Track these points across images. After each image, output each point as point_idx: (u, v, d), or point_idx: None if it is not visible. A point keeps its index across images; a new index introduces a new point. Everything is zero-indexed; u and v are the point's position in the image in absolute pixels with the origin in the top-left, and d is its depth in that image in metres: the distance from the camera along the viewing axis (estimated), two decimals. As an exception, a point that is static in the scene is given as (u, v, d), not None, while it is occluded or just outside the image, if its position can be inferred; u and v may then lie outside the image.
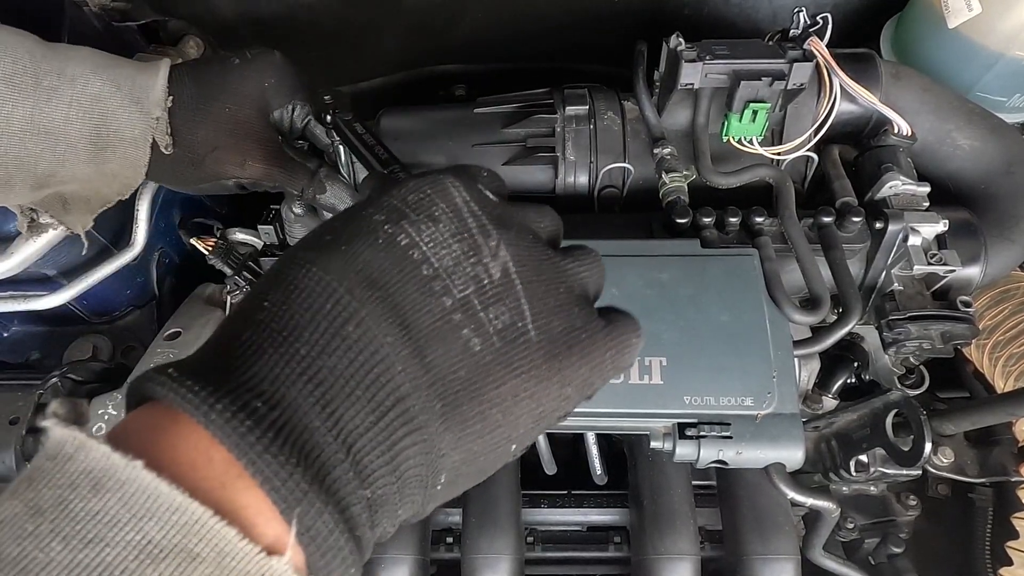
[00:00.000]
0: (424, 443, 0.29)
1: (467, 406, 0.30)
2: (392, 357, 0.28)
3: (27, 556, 0.22)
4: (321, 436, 0.27)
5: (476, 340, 0.30)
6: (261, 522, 0.25)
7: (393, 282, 0.30)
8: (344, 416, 0.27)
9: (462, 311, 0.30)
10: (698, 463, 0.57)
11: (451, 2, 0.92)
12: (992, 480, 0.77)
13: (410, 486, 0.30)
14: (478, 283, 0.31)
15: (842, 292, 0.64)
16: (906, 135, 0.72)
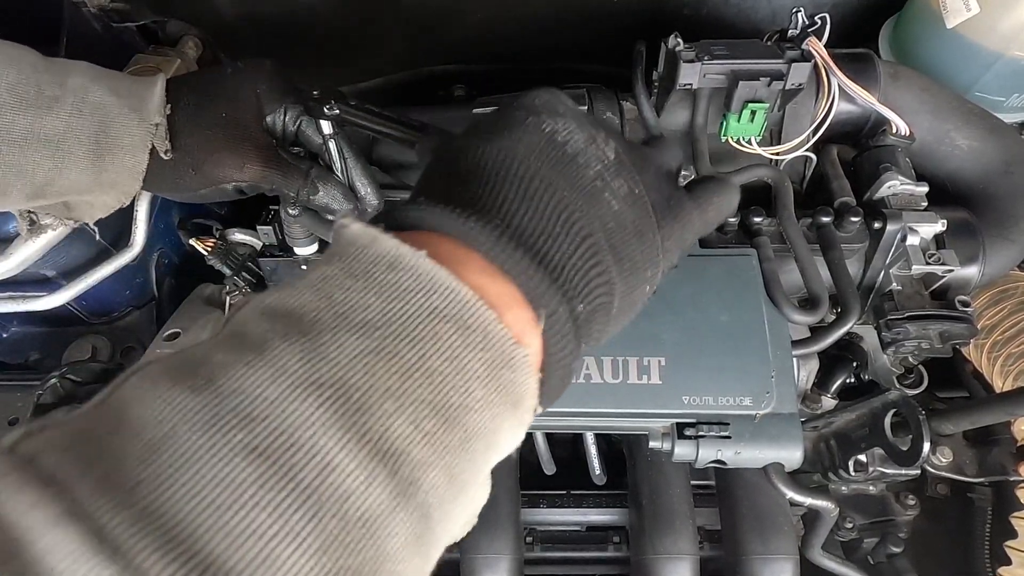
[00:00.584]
0: (605, 273, 0.36)
1: (621, 246, 0.37)
2: (571, 206, 0.35)
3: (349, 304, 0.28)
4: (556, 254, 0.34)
5: (614, 201, 0.37)
6: (513, 309, 0.31)
7: (553, 155, 0.37)
8: (559, 244, 0.34)
9: (600, 180, 0.37)
10: (697, 463, 0.58)
11: (451, 2, 0.92)
12: (991, 480, 0.77)
13: (602, 311, 0.37)
14: (603, 161, 0.38)
15: (841, 292, 0.64)
16: (904, 135, 0.73)
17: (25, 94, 0.53)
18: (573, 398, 0.58)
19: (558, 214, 0.34)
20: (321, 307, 0.28)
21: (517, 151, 0.36)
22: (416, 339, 0.28)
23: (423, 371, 0.28)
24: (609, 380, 0.58)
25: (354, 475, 0.25)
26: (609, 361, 0.58)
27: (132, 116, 0.57)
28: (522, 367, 0.31)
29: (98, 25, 0.78)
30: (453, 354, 0.29)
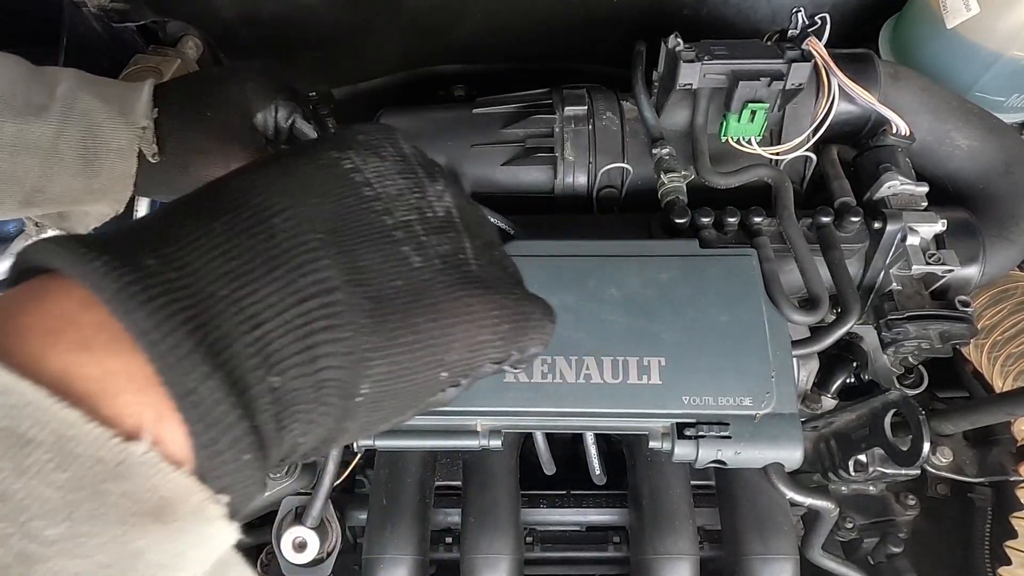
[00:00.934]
0: (347, 341, 0.27)
1: (400, 314, 0.29)
2: (321, 251, 0.27)
3: None
4: (224, 306, 0.25)
5: (417, 257, 0.30)
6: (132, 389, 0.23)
7: (332, 193, 0.29)
8: (258, 292, 0.25)
9: (404, 230, 0.30)
10: (697, 463, 0.57)
11: (451, 2, 0.92)
12: (991, 480, 0.77)
13: (328, 391, 0.27)
14: (421, 213, 0.31)
15: (841, 292, 0.64)
16: (904, 135, 0.73)
17: (13, 102, 0.54)
18: (573, 398, 0.58)
19: (287, 259, 0.26)
20: None
21: (280, 182, 0.29)
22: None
23: None
24: (609, 380, 0.58)
25: None
26: (609, 361, 0.58)
27: (119, 120, 0.58)
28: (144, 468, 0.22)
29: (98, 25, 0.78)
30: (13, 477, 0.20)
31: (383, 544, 0.65)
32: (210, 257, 0.25)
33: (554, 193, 0.78)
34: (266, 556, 0.81)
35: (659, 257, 0.63)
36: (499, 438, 0.58)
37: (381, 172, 0.31)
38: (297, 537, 0.68)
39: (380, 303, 0.28)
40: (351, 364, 0.27)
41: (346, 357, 0.27)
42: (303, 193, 0.29)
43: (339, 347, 0.27)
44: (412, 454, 0.70)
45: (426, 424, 0.58)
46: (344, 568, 0.74)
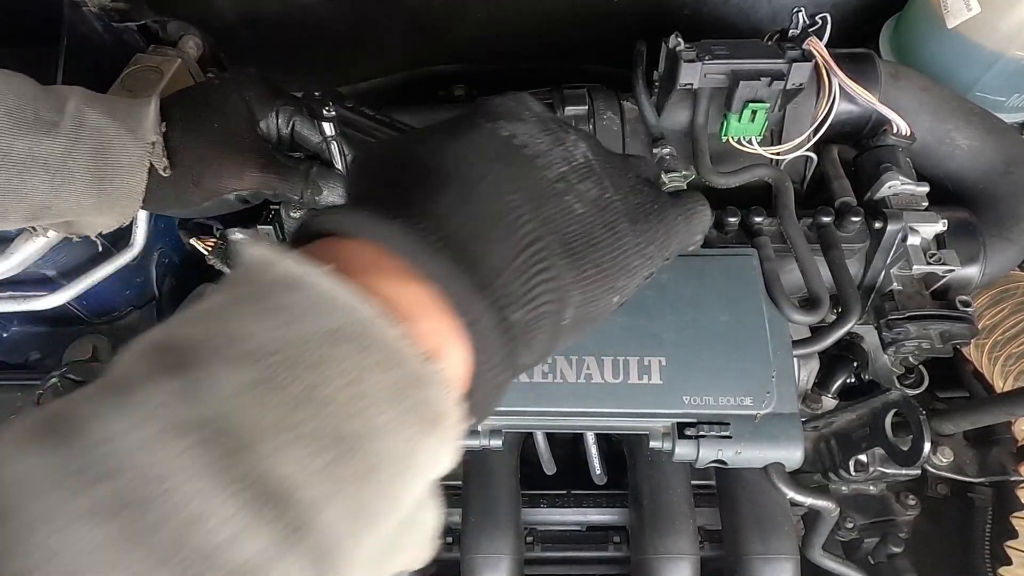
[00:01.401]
0: (554, 280, 0.34)
1: (581, 252, 0.35)
2: (519, 209, 0.33)
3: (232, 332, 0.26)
4: (479, 258, 0.32)
5: (578, 205, 0.36)
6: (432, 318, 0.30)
7: (504, 158, 0.35)
8: (496, 248, 0.32)
9: (563, 182, 0.36)
10: (697, 463, 0.58)
11: (451, 2, 0.92)
12: (991, 480, 0.77)
13: (546, 320, 0.34)
14: (569, 163, 0.36)
15: (841, 292, 0.64)
16: (905, 135, 0.73)
17: (24, 119, 0.55)
18: (574, 398, 0.58)
19: (501, 217, 0.33)
20: (205, 338, 0.26)
21: (462, 153, 0.35)
22: (305, 367, 0.26)
23: (312, 402, 0.25)
24: (610, 380, 0.58)
25: (228, 525, 0.23)
26: (609, 361, 0.58)
27: (128, 137, 0.58)
28: (434, 384, 0.29)
29: (98, 25, 0.78)
30: (349, 379, 0.26)
31: (383, 544, 0.65)
32: (454, 221, 0.32)
33: (554, 193, 0.77)
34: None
35: (659, 257, 0.63)
36: (499, 438, 0.58)
37: (530, 132, 0.36)
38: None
39: (567, 246, 0.35)
40: (559, 297, 0.34)
41: (555, 292, 0.34)
42: (486, 159, 0.35)
43: (550, 285, 0.34)
44: (412, 454, 0.69)
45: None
46: (344, 568, 0.73)
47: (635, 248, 0.37)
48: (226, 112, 0.63)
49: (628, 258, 0.37)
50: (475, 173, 0.34)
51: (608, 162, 0.38)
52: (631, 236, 0.37)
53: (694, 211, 0.42)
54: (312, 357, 0.26)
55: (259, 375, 0.25)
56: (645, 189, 0.40)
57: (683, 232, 0.41)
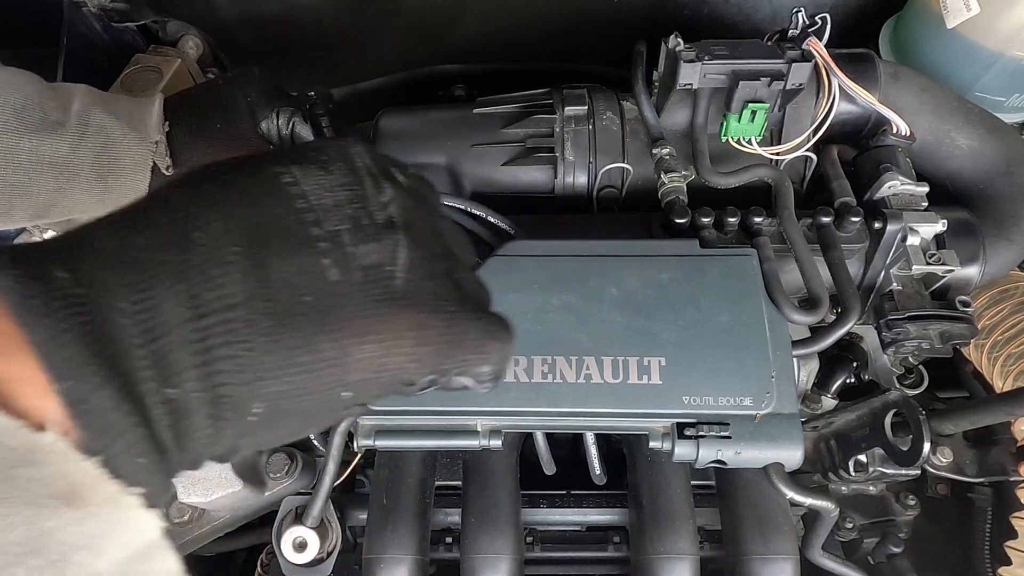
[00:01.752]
0: (241, 359, 0.27)
1: (301, 333, 0.28)
2: (233, 265, 0.28)
3: None
4: (124, 319, 0.26)
5: (335, 271, 0.29)
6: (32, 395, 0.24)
7: (262, 204, 0.29)
8: (159, 306, 0.26)
9: (330, 241, 0.29)
10: (697, 463, 0.57)
11: (451, 2, 0.92)
12: (991, 480, 0.77)
13: (225, 405, 0.28)
14: (356, 223, 0.30)
15: (841, 292, 0.64)
16: (905, 135, 0.72)
17: (30, 118, 0.55)
18: (573, 398, 0.58)
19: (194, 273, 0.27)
20: None
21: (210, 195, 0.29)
22: None
23: None
24: (609, 380, 0.58)
25: None
26: (609, 361, 0.58)
27: (132, 136, 0.59)
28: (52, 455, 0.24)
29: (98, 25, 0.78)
30: None
31: (383, 544, 0.65)
32: (121, 271, 0.26)
33: (554, 193, 0.78)
34: (266, 556, 0.81)
35: (659, 257, 0.63)
36: (499, 438, 0.58)
37: (321, 184, 0.31)
38: (297, 537, 0.68)
39: (282, 320, 0.28)
40: (244, 382, 0.28)
41: (238, 375, 0.27)
42: (233, 206, 0.29)
43: (232, 364, 0.27)
44: (412, 454, 0.70)
45: (426, 424, 0.58)
46: (344, 568, 0.74)
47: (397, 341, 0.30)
48: (229, 112, 0.63)
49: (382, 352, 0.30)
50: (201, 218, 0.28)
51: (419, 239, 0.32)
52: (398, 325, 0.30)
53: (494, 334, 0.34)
54: None
55: None
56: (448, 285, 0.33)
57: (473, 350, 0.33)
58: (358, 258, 0.30)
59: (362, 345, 0.29)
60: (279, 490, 0.77)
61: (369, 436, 0.58)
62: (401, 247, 0.31)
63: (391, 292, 0.30)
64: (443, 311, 0.32)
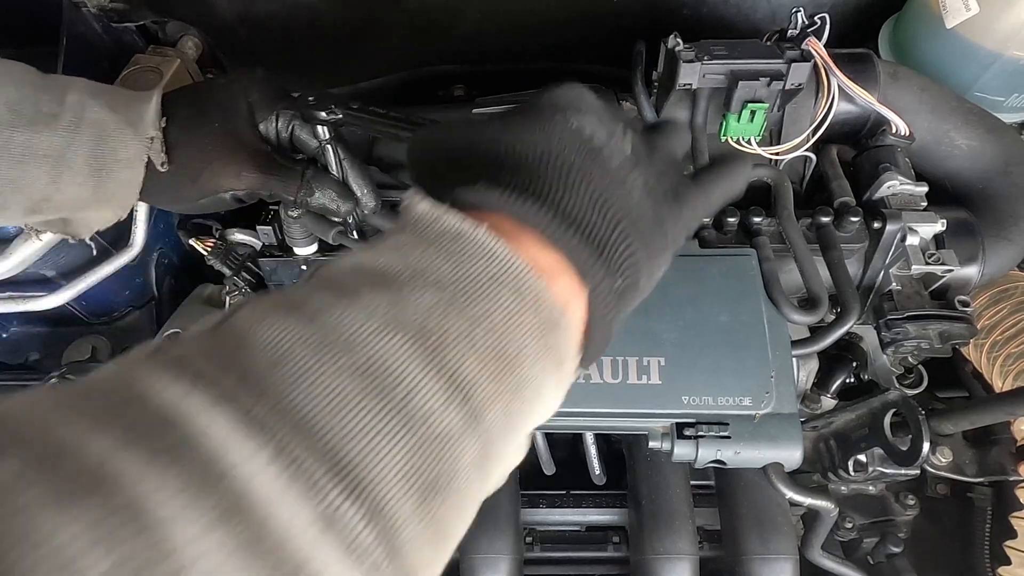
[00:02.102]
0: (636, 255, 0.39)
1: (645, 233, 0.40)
2: (605, 194, 0.38)
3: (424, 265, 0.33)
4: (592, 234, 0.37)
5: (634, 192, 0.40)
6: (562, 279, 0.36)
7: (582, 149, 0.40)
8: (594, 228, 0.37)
9: (621, 171, 0.40)
10: (696, 463, 0.58)
11: (451, 2, 0.92)
12: (991, 479, 0.77)
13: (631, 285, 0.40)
14: (624, 154, 0.41)
15: (840, 292, 0.64)
16: (904, 135, 0.73)
17: (24, 111, 0.54)
18: (573, 398, 0.57)
19: (594, 201, 0.38)
20: (401, 267, 0.33)
21: (552, 146, 0.39)
22: (480, 296, 0.33)
23: (487, 323, 0.33)
24: (609, 380, 0.58)
25: (434, 398, 0.30)
26: (609, 361, 0.58)
27: (128, 131, 0.58)
28: (567, 331, 0.35)
29: (98, 25, 0.78)
30: (509, 312, 0.33)
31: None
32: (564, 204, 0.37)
33: (554, 193, 0.77)
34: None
35: (659, 257, 0.63)
36: (499, 438, 0.58)
37: (592, 124, 0.41)
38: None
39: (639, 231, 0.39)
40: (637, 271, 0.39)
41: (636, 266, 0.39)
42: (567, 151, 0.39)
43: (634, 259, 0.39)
44: (412, 454, 0.69)
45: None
46: (344, 568, 0.74)
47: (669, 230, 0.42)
48: (227, 111, 0.63)
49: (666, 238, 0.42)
50: (565, 163, 0.39)
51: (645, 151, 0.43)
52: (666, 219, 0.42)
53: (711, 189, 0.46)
54: (483, 291, 0.33)
55: (448, 297, 0.32)
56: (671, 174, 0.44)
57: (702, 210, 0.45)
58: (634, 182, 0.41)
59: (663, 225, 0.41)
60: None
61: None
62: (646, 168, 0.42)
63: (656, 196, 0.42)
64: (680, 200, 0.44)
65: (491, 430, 0.32)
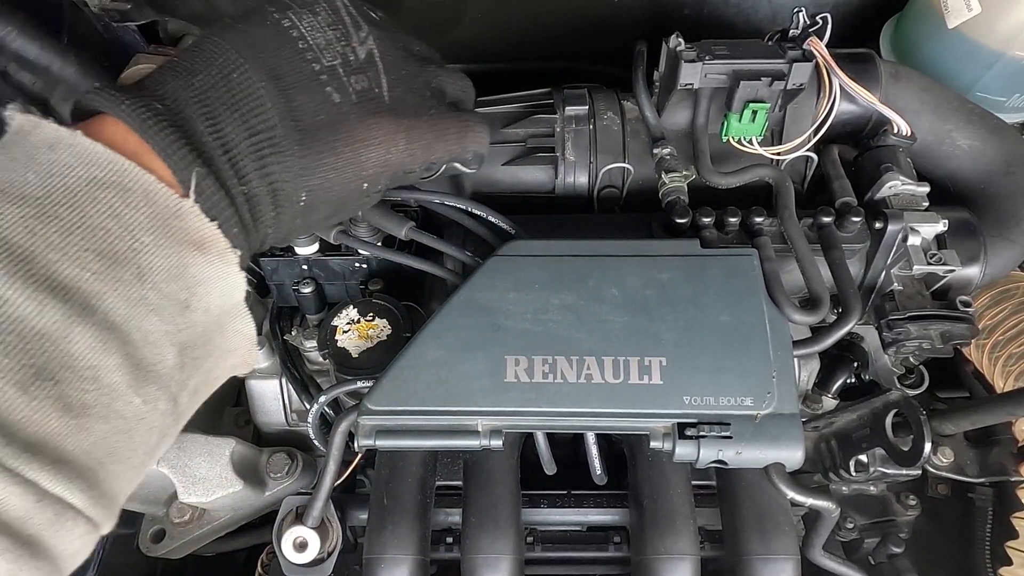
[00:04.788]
0: (286, 162, 0.39)
1: (323, 141, 0.40)
2: (264, 97, 0.39)
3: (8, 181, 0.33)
4: (205, 136, 0.37)
5: (337, 95, 0.40)
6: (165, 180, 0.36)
7: (272, 48, 0.40)
8: (223, 129, 0.38)
9: (328, 74, 0.40)
10: (698, 463, 0.57)
11: (451, 2, 0.92)
12: (992, 480, 0.77)
13: (279, 196, 0.40)
14: (345, 59, 0.41)
15: (842, 292, 0.64)
16: (906, 135, 0.72)
17: None
18: (574, 398, 0.58)
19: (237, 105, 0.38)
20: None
21: (231, 44, 0.40)
22: (76, 204, 0.33)
23: (84, 228, 0.33)
24: (610, 380, 0.58)
25: (24, 305, 0.32)
26: (610, 361, 0.58)
27: None
28: (190, 216, 0.36)
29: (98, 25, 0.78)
30: (114, 212, 0.34)
31: (384, 544, 0.65)
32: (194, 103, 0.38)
33: (555, 193, 0.78)
34: (267, 556, 0.81)
35: (660, 257, 0.63)
36: (500, 438, 0.58)
37: (314, 26, 0.41)
38: (298, 537, 0.68)
39: (308, 134, 0.40)
40: (291, 178, 0.40)
41: (285, 174, 0.39)
42: (252, 50, 0.39)
43: (282, 166, 0.39)
44: (413, 454, 0.70)
45: (427, 424, 0.58)
46: (345, 568, 0.74)
47: (390, 141, 0.42)
48: None
49: (381, 149, 0.42)
50: (232, 63, 0.39)
51: (396, 64, 0.43)
52: (390, 129, 0.41)
53: (470, 127, 0.46)
54: (80, 198, 0.34)
55: (36, 210, 0.33)
56: (427, 95, 0.44)
57: (454, 141, 0.46)
58: (351, 85, 0.41)
59: (367, 145, 0.41)
60: (279, 490, 0.77)
61: (369, 436, 0.57)
62: (382, 75, 0.42)
63: (381, 106, 0.42)
64: (424, 115, 0.44)
65: (112, 316, 0.34)
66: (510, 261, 0.62)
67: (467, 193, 0.77)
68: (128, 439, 0.35)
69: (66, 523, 0.33)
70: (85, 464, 0.33)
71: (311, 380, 0.78)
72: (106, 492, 0.35)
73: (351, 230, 0.69)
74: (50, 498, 0.32)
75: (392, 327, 0.68)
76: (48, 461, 0.31)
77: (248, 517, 0.78)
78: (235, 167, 0.38)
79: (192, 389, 0.39)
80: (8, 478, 0.30)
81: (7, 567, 0.31)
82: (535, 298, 0.61)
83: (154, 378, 0.36)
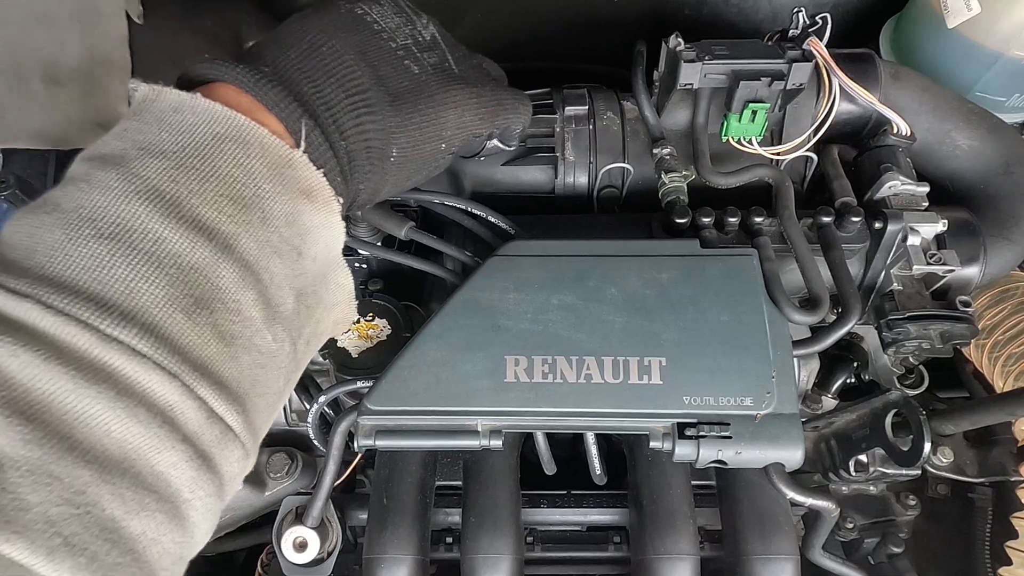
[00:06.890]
0: (379, 120, 0.44)
1: (409, 103, 0.45)
2: (355, 66, 0.44)
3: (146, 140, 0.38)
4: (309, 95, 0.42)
5: (415, 67, 0.46)
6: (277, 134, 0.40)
7: (352, 29, 0.45)
8: (324, 89, 0.42)
9: (404, 51, 0.46)
10: (697, 463, 0.57)
11: (451, 2, 0.92)
12: (992, 480, 0.77)
13: (372, 154, 0.44)
14: (415, 39, 0.47)
15: (841, 292, 0.64)
16: (905, 135, 0.72)
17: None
18: (574, 398, 0.58)
19: (332, 72, 0.43)
20: (125, 147, 0.38)
21: (315, 26, 0.44)
22: (206, 156, 0.37)
23: (216, 176, 0.37)
24: (610, 380, 0.58)
25: (179, 243, 0.35)
26: (610, 361, 0.58)
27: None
28: (300, 166, 0.40)
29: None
30: (238, 162, 0.38)
31: (383, 544, 0.65)
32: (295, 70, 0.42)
33: (554, 193, 0.78)
34: (267, 556, 0.81)
35: (659, 257, 0.63)
36: (500, 438, 0.58)
37: (382, 14, 0.47)
38: (298, 537, 0.68)
39: (396, 97, 0.45)
40: (384, 136, 0.44)
41: (380, 131, 0.44)
42: (336, 31, 0.45)
43: (375, 124, 0.44)
44: (412, 454, 0.70)
45: (426, 424, 0.58)
46: (344, 568, 0.74)
47: (465, 106, 0.47)
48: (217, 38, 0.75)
49: (458, 111, 0.47)
50: (318, 40, 0.44)
51: (455, 46, 0.49)
52: (462, 96, 0.47)
53: (521, 99, 0.53)
54: (208, 150, 0.37)
55: (174, 163, 0.37)
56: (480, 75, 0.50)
57: (512, 110, 0.52)
58: (425, 59, 0.46)
59: (447, 108, 0.47)
60: (279, 490, 0.77)
61: (369, 436, 0.57)
62: (447, 52, 0.48)
63: (453, 78, 0.48)
64: (487, 86, 0.50)
65: (246, 256, 0.37)
66: (510, 261, 0.62)
67: (467, 193, 0.77)
68: (265, 374, 0.38)
69: (229, 443, 0.36)
70: (237, 391, 0.36)
71: (311, 380, 0.78)
72: (252, 422, 0.37)
73: (351, 230, 0.69)
74: (215, 417, 0.35)
75: (392, 327, 0.68)
76: (212, 382, 0.35)
77: (248, 517, 0.78)
78: (336, 123, 0.42)
79: (306, 338, 0.42)
80: (186, 393, 0.33)
81: (192, 474, 0.34)
82: (535, 298, 0.61)
83: (280, 319, 0.39)
